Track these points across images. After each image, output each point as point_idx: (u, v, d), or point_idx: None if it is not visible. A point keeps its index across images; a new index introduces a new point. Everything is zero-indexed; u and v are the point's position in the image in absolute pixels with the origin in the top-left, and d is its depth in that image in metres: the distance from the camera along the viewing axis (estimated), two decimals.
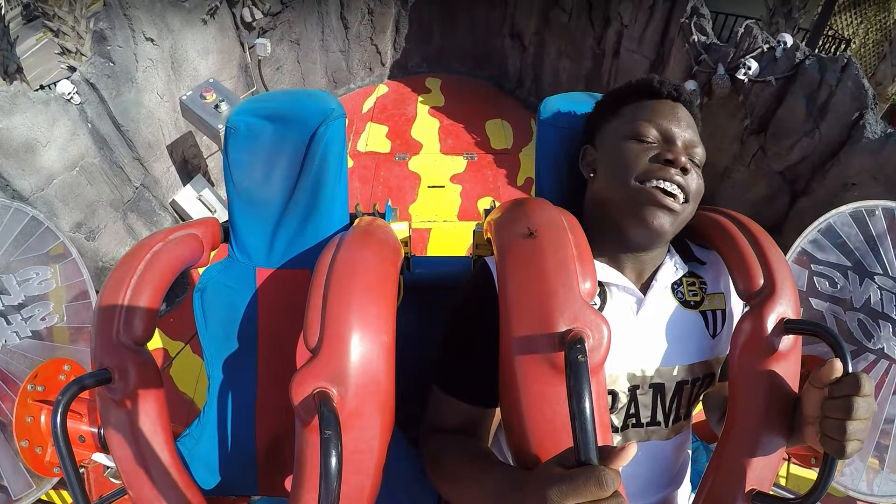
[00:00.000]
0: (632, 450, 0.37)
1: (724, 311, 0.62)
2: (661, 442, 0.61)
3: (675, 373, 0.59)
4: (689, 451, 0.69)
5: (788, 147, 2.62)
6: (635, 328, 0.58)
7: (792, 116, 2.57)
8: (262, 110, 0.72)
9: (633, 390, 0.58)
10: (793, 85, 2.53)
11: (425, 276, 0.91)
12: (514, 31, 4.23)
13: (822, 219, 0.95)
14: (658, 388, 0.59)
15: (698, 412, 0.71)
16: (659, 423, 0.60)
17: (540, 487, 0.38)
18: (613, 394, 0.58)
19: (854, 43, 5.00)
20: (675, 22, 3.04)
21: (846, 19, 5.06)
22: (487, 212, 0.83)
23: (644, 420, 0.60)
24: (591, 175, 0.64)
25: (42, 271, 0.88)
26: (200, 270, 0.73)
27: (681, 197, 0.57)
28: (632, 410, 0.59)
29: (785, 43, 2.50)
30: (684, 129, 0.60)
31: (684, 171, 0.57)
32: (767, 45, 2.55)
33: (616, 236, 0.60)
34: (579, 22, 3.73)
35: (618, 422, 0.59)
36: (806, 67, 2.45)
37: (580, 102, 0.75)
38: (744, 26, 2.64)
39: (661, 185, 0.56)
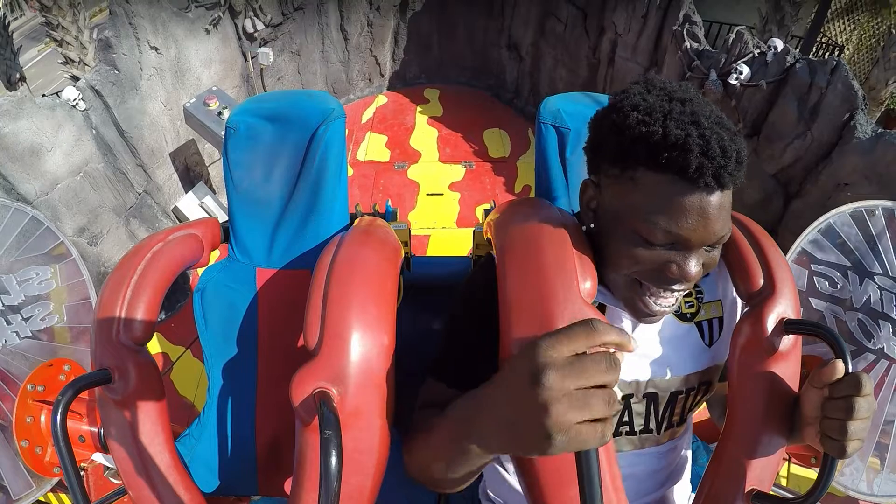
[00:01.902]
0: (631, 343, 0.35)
1: (720, 319, 0.61)
2: (655, 448, 0.61)
3: (669, 383, 0.59)
4: (688, 450, 0.69)
5: (781, 149, 2.64)
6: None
7: (784, 119, 2.60)
8: (261, 110, 0.73)
9: (626, 398, 0.58)
10: (784, 88, 2.56)
11: (425, 276, 0.91)
12: (511, 41, 4.29)
13: (821, 219, 0.95)
14: (652, 398, 0.59)
15: (699, 412, 0.70)
16: (651, 431, 0.60)
17: (519, 366, 0.34)
18: None
19: (847, 49, 5.07)
20: (668, 30, 3.09)
21: (839, 26, 5.13)
22: (487, 212, 0.84)
23: (637, 428, 0.59)
24: (591, 224, 0.54)
25: (42, 271, 0.88)
26: (200, 271, 0.74)
27: (674, 300, 0.50)
28: (625, 418, 0.59)
29: (775, 47, 2.54)
30: (711, 231, 0.45)
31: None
32: (758, 50, 2.58)
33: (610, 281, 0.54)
34: (574, 31, 3.79)
35: None
36: (796, 71, 2.48)
37: (580, 102, 0.76)
38: (735, 32, 2.68)
39: (659, 299, 0.49)
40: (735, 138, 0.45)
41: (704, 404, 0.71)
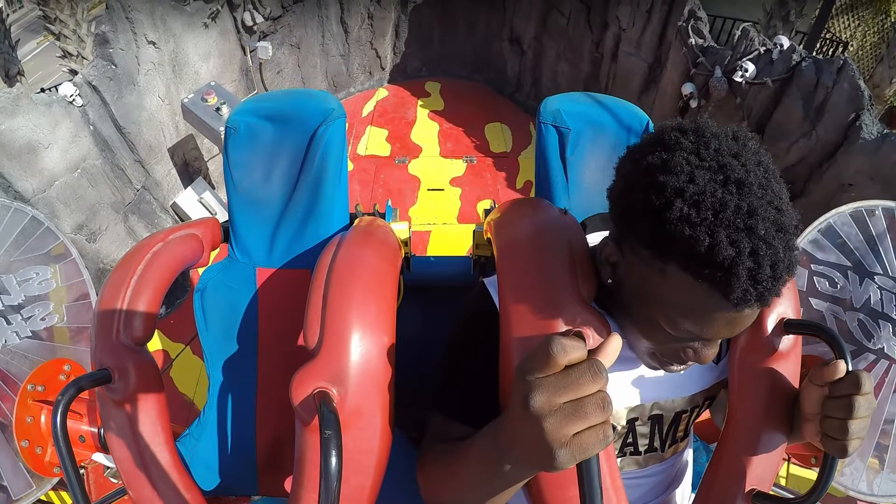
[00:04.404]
0: (616, 341, 0.35)
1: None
2: (658, 464, 0.61)
3: (674, 404, 0.58)
4: (690, 452, 0.69)
5: (785, 148, 2.63)
6: (638, 368, 0.56)
7: (789, 118, 2.59)
8: (262, 110, 0.73)
9: (631, 422, 0.57)
10: (789, 87, 2.55)
11: (425, 276, 0.91)
12: (513, 34, 4.25)
13: (822, 219, 0.95)
14: (657, 419, 0.58)
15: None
16: (656, 449, 0.59)
17: (514, 390, 0.35)
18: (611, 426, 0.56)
19: (851, 46, 5.03)
20: (673, 25, 3.06)
21: (844, 22, 5.09)
22: (487, 212, 0.84)
23: (642, 448, 0.59)
24: (609, 281, 0.50)
25: (42, 271, 0.88)
26: (200, 271, 0.73)
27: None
28: (629, 440, 0.58)
29: (781, 45, 2.52)
30: (738, 331, 0.44)
31: None
32: (764, 48, 2.56)
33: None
34: (577, 26, 3.76)
35: (613, 449, 0.58)
36: (802, 69, 2.47)
37: (580, 102, 0.75)
38: (741, 29, 2.66)
39: (674, 367, 0.50)
40: (790, 242, 0.39)
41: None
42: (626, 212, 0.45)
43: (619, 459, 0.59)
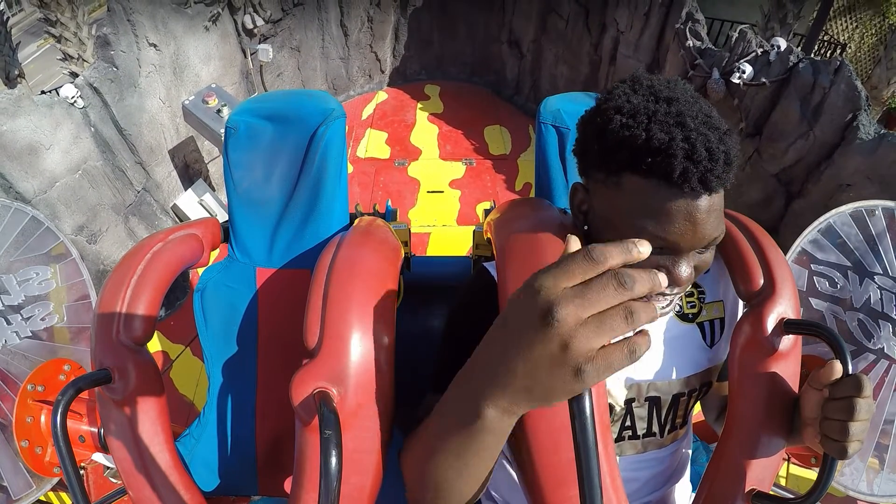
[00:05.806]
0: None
1: (722, 319, 0.61)
2: (658, 451, 0.61)
3: (671, 386, 0.58)
4: (689, 449, 0.69)
5: (783, 149, 2.64)
6: None
7: (786, 119, 2.60)
8: (261, 110, 0.73)
9: (628, 403, 0.58)
10: (787, 88, 2.56)
11: (425, 276, 0.91)
12: (512, 37, 4.27)
13: (821, 218, 0.95)
14: (654, 401, 0.58)
15: (698, 412, 0.71)
16: (654, 434, 0.60)
17: (522, 308, 0.31)
18: (609, 406, 0.56)
19: (850, 47, 5.05)
20: (671, 27, 3.08)
21: (842, 24, 5.12)
22: (487, 212, 0.84)
23: (640, 432, 0.59)
24: (585, 227, 0.53)
25: (42, 271, 0.88)
26: (200, 271, 0.74)
27: (668, 301, 0.50)
28: (627, 423, 0.58)
29: (779, 46, 2.54)
30: (701, 235, 0.45)
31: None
32: (761, 49, 2.58)
33: None
34: (576, 28, 3.78)
35: (612, 433, 0.59)
36: (799, 70, 2.48)
37: (580, 102, 0.76)
38: (738, 31, 2.68)
39: (651, 302, 0.50)
40: (724, 138, 0.44)
41: (699, 406, 0.72)
42: (582, 148, 0.52)
43: (618, 444, 0.59)
